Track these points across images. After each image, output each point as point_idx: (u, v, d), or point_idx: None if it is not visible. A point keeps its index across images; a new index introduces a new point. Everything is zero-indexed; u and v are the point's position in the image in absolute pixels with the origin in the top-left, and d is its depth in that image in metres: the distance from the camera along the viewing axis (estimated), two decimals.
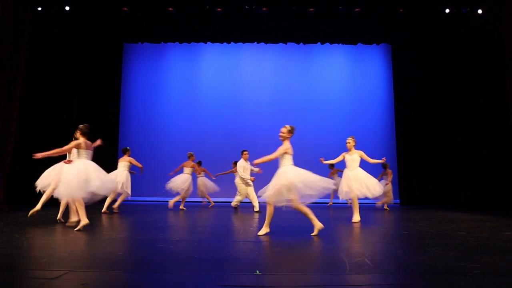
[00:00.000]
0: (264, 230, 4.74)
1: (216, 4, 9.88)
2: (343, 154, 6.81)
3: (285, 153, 4.78)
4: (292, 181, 4.53)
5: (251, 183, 8.39)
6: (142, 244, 4.06)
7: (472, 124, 9.83)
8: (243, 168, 8.41)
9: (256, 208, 8.17)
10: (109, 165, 10.97)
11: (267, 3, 9.93)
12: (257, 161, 4.88)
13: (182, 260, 3.50)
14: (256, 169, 8.29)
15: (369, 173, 6.64)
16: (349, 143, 6.77)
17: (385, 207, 9.55)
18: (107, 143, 11.14)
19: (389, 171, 9.55)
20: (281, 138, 4.95)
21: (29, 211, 6.15)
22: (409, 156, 11.00)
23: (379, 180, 9.75)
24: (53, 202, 7.79)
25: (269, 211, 4.75)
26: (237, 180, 8.57)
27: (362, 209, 9.42)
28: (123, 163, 8.44)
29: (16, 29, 8.06)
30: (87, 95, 11.09)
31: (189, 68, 12.02)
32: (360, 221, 6.28)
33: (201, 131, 11.53)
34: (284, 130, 4.96)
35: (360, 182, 6.40)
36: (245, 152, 8.57)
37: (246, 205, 9.33)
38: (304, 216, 4.73)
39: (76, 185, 4.91)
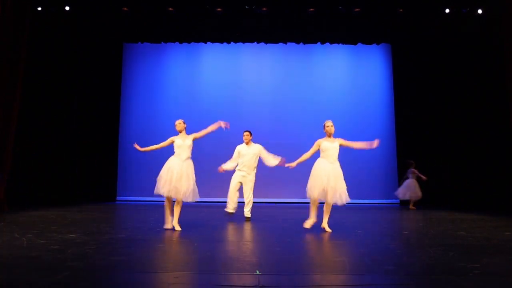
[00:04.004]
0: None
1: (216, 4, 9.88)
2: (319, 141, 5.32)
3: None
4: None
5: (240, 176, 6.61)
6: (142, 244, 4.06)
7: (472, 124, 9.83)
8: (238, 153, 6.71)
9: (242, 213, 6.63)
10: (108, 164, 11.08)
11: (267, 3, 9.93)
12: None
13: (181, 260, 3.50)
14: (276, 161, 6.41)
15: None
16: (332, 126, 5.35)
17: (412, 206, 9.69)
18: (107, 143, 11.27)
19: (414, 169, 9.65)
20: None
21: (29, 211, 6.13)
22: (409, 156, 10.97)
23: (406, 180, 9.74)
24: (52, 204, 7.81)
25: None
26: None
27: (361, 209, 9.44)
28: None
29: (16, 29, 8.06)
30: (87, 95, 11.09)
31: (189, 68, 12.01)
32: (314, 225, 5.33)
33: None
34: None
35: (337, 183, 5.08)
36: (245, 133, 6.78)
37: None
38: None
39: None
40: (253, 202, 6.71)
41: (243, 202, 6.69)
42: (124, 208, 9.08)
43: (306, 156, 5.36)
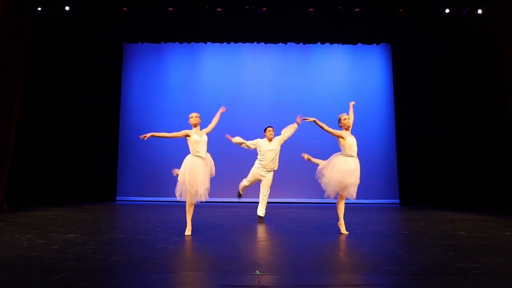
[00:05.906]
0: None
1: (216, 4, 9.88)
2: (344, 134, 5.10)
3: None
4: None
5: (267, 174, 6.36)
6: (142, 244, 4.06)
7: (472, 124, 9.83)
8: (258, 146, 6.54)
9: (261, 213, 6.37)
10: (108, 164, 11.07)
11: (267, 3, 9.93)
12: None
13: (182, 260, 3.50)
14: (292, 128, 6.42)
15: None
16: (348, 119, 5.18)
17: None
18: (107, 143, 11.27)
19: None
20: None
21: (29, 211, 6.13)
22: (409, 156, 10.99)
23: None
24: (52, 204, 7.73)
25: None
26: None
27: (362, 209, 9.44)
28: None
29: (16, 29, 8.06)
30: (87, 94, 11.08)
31: (189, 68, 12.01)
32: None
33: None
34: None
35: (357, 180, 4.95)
36: (269, 129, 6.62)
37: (252, 205, 9.28)
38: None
39: None
40: (252, 202, 6.70)
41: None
42: (124, 208, 9.08)
43: (327, 127, 5.16)
